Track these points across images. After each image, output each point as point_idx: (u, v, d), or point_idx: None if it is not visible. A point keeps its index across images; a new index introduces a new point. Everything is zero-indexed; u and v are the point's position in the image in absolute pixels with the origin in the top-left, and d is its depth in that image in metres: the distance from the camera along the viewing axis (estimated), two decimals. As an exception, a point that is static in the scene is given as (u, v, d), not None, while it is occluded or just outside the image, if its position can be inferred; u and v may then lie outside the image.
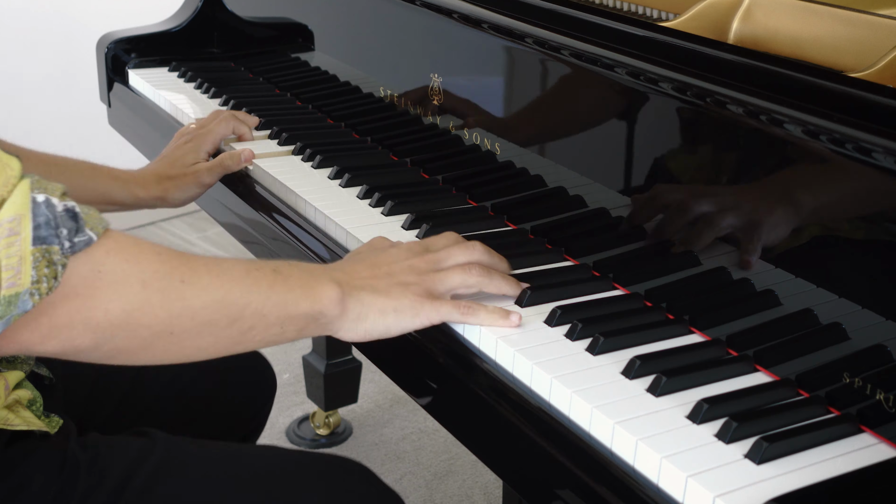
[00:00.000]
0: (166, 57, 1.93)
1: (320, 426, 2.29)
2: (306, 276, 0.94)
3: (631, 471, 0.86)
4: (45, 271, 0.77)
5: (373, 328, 0.97)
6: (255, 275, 0.90)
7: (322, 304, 0.93)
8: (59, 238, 0.78)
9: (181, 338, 0.86)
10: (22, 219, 0.76)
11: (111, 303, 0.81)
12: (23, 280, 0.76)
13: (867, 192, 0.90)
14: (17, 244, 0.76)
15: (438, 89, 1.39)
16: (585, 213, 1.19)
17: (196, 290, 0.85)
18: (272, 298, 0.90)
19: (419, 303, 0.98)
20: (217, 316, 0.87)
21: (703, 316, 1.03)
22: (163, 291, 0.83)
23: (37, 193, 0.78)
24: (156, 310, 0.83)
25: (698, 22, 1.18)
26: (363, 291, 0.97)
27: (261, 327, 0.90)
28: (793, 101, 0.95)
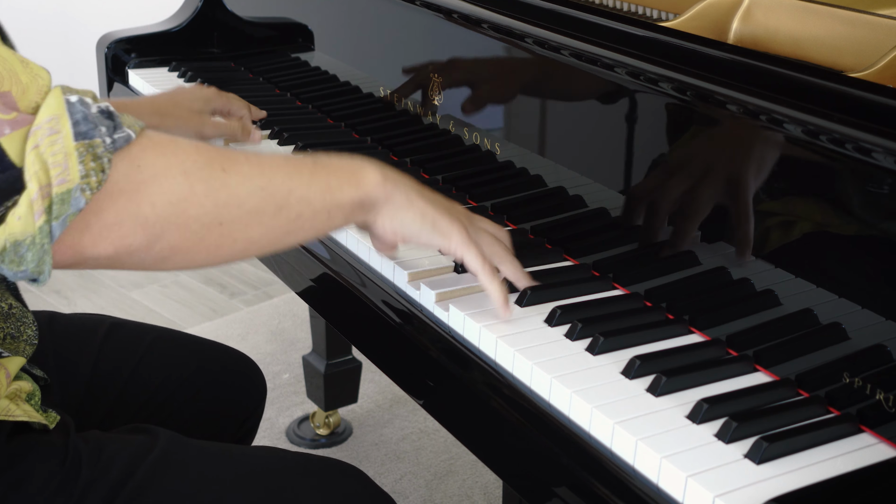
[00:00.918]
0: (166, 57, 1.93)
1: (320, 426, 2.29)
2: (348, 164, 0.94)
3: (631, 471, 0.86)
4: (92, 165, 0.76)
5: (407, 225, 0.97)
6: (296, 163, 0.90)
7: (366, 187, 0.93)
8: (100, 134, 0.77)
9: (231, 228, 0.85)
10: (60, 118, 0.75)
11: (156, 195, 0.80)
12: (72, 175, 0.75)
13: (867, 192, 0.90)
14: (60, 142, 0.75)
15: (438, 89, 1.39)
16: (585, 213, 1.19)
17: (238, 177, 0.84)
18: (316, 184, 0.90)
19: (457, 230, 0.99)
20: (263, 203, 0.86)
21: (703, 316, 1.03)
22: (206, 181, 0.82)
23: (69, 95, 0.77)
24: (201, 199, 0.82)
25: (698, 22, 1.18)
26: (411, 191, 0.97)
27: (308, 214, 0.89)
28: (793, 101, 0.95)
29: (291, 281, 1.38)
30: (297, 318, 2.77)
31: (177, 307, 2.88)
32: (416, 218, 0.98)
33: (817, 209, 0.95)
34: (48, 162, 0.74)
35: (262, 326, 2.74)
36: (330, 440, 2.28)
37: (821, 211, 0.95)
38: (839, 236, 0.93)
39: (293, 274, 1.35)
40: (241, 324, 2.75)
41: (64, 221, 0.76)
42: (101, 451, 1.04)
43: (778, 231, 0.99)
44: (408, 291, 1.13)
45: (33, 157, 0.74)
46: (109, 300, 2.88)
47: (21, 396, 1.05)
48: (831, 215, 0.94)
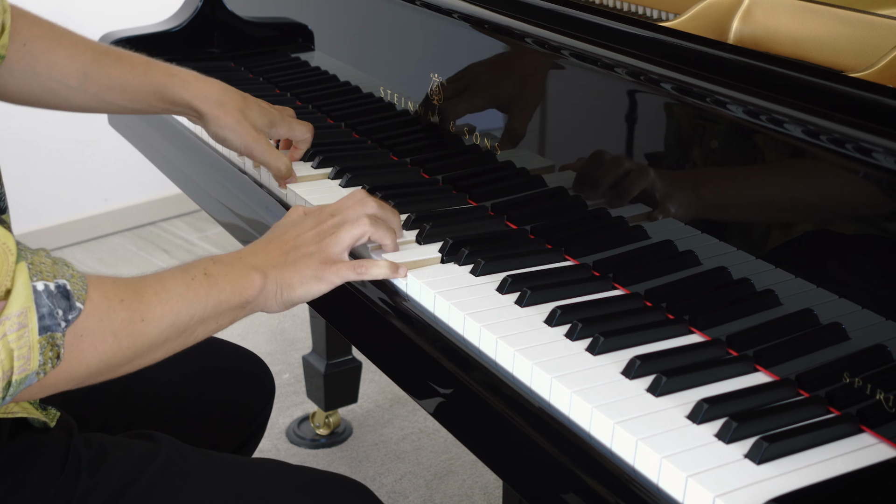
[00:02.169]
0: (166, 57, 1.91)
1: (320, 426, 2.29)
2: (232, 273, 1.05)
3: (631, 471, 0.86)
4: (50, 354, 0.87)
5: (289, 299, 1.09)
6: (193, 286, 1.01)
7: (248, 293, 1.05)
8: (59, 322, 0.88)
9: (141, 360, 0.98)
10: (28, 311, 0.85)
11: (91, 359, 0.92)
12: (32, 365, 0.86)
13: (867, 192, 0.90)
14: (26, 335, 0.85)
15: (438, 89, 1.39)
16: (585, 213, 1.19)
17: (153, 323, 0.97)
18: (209, 303, 1.01)
19: (321, 270, 1.10)
20: (170, 334, 0.99)
21: (703, 316, 1.03)
22: (129, 336, 0.95)
23: (36, 282, 0.87)
24: (125, 351, 0.95)
25: (698, 22, 1.18)
26: (276, 270, 1.08)
27: (201, 329, 1.02)
28: (793, 101, 0.95)
29: (291, 281, 1.38)
30: (297, 318, 2.77)
31: (177, 307, 2.88)
32: (289, 292, 1.09)
33: (817, 209, 0.95)
34: (14, 354, 0.84)
35: (262, 326, 2.74)
36: (330, 440, 2.28)
37: (821, 211, 0.95)
38: (839, 236, 0.93)
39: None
40: (241, 324, 2.76)
41: (14, 394, 0.86)
42: (103, 457, 1.04)
43: (778, 231, 0.99)
44: (408, 291, 1.13)
45: (1, 347, 0.84)
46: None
47: None
48: (831, 215, 0.94)
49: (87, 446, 1.04)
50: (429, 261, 1.17)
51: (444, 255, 1.18)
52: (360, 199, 1.18)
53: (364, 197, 1.18)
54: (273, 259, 1.10)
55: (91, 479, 1.01)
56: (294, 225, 1.15)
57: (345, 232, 1.13)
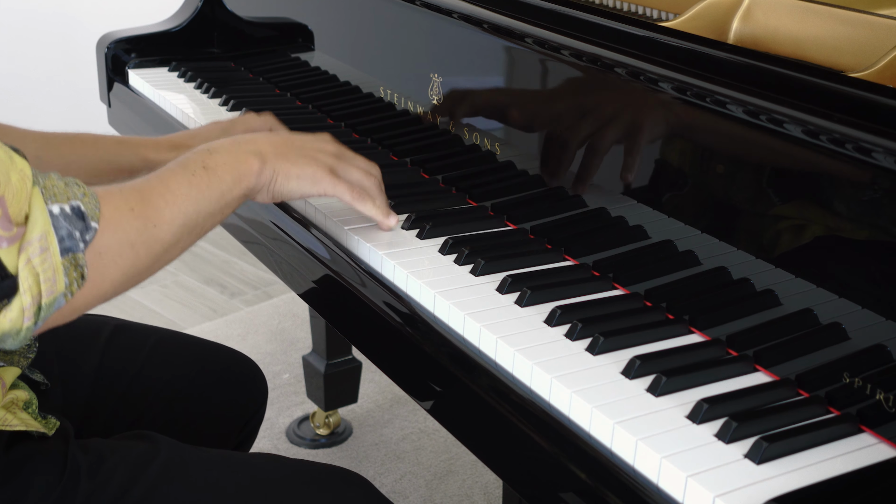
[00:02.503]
0: (166, 57, 1.93)
1: (320, 426, 2.29)
2: (231, 160, 1.07)
3: (631, 471, 0.86)
4: (74, 274, 0.89)
5: (279, 191, 1.11)
6: (195, 182, 1.02)
7: (249, 180, 1.07)
8: (78, 243, 0.89)
9: (159, 264, 1.00)
10: (47, 234, 0.87)
11: (114, 274, 0.94)
12: (58, 287, 0.87)
13: (867, 192, 0.90)
14: (49, 259, 0.86)
15: (438, 89, 1.39)
16: (585, 213, 1.19)
17: (165, 226, 0.98)
18: (213, 196, 1.03)
19: (320, 174, 1.13)
20: (182, 234, 1.01)
21: (703, 316, 1.03)
22: (145, 244, 0.97)
23: (51, 205, 0.88)
24: (143, 259, 0.97)
25: (698, 22, 1.18)
26: (276, 158, 1.10)
27: (209, 222, 1.05)
28: (793, 101, 0.95)
29: (291, 281, 1.38)
30: (297, 318, 2.77)
31: (177, 307, 2.88)
32: (283, 182, 1.11)
33: (817, 209, 0.95)
34: (40, 277, 0.86)
35: (262, 326, 2.74)
36: (330, 440, 2.28)
37: (821, 211, 0.95)
38: (839, 236, 0.93)
39: (293, 274, 1.35)
40: (241, 324, 2.75)
41: (46, 317, 0.88)
42: (102, 461, 1.03)
43: (778, 231, 0.99)
44: (408, 291, 1.13)
45: (27, 272, 0.85)
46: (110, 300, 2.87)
47: (18, 405, 1.04)
48: (831, 215, 0.94)
49: (85, 452, 1.04)
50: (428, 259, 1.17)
51: (443, 254, 1.18)
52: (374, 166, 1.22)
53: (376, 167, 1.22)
54: (276, 149, 1.11)
55: (91, 482, 1.01)
56: (307, 136, 1.18)
57: (357, 168, 1.17)
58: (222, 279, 3.04)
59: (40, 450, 1.02)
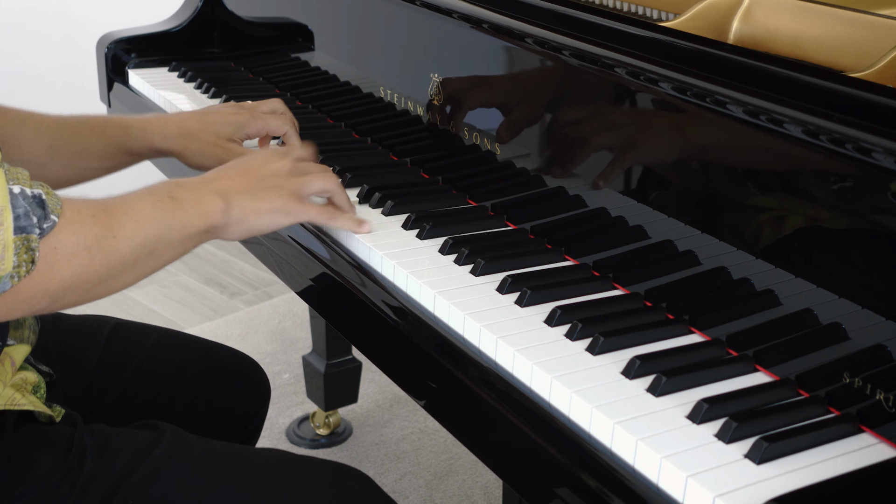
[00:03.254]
0: (166, 57, 1.93)
1: (320, 426, 2.29)
2: (196, 196, 1.07)
3: (631, 471, 0.86)
4: (25, 256, 0.88)
5: (252, 228, 1.11)
6: (160, 206, 1.03)
7: (212, 218, 1.07)
8: (34, 226, 0.89)
9: (113, 281, 0.99)
10: (3, 210, 0.86)
11: (65, 272, 0.93)
12: (6, 265, 0.87)
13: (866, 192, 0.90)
14: (1, 234, 0.86)
15: (438, 89, 1.39)
16: (585, 213, 1.19)
17: (124, 241, 0.98)
18: (175, 225, 1.03)
19: (290, 204, 1.12)
20: (140, 255, 1.00)
21: (703, 316, 1.03)
22: (102, 252, 0.96)
23: (12, 185, 0.88)
24: (97, 267, 0.96)
25: (698, 22, 1.18)
26: (241, 196, 1.09)
27: (169, 252, 1.04)
28: (793, 101, 0.95)
29: (291, 281, 1.38)
30: (297, 318, 2.77)
31: (177, 307, 2.88)
32: (255, 219, 1.10)
33: (817, 209, 0.95)
34: None
35: (262, 326, 2.74)
36: (330, 440, 2.28)
37: (821, 211, 0.95)
38: (839, 236, 0.93)
39: (293, 274, 1.35)
40: (241, 324, 2.75)
41: None
42: (107, 444, 1.05)
43: (778, 231, 0.99)
44: (408, 291, 1.13)
45: None
46: (109, 300, 2.88)
47: (27, 388, 1.05)
48: (831, 215, 0.94)
49: (92, 434, 1.06)
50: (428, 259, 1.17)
51: (443, 254, 1.18)
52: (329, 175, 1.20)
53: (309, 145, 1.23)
54: (238, 186, 1.11)
55: (96, 463, 1.03)
56: (254, 157, 1.17)
57: (316, 179, 1.16)
58: (222, 279, 3.04)
59: (48, 431, 1.04)
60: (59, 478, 1.00)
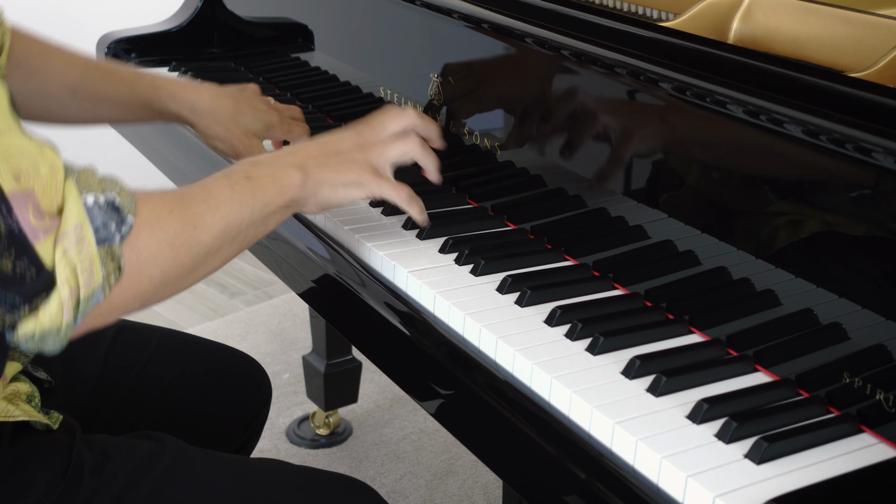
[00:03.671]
0: (166, 57, 1.93)
1: (320, 426, 2.29)
2: (274, 171, 1.05)
3: (631, 470, 0.86)
4: (111, 266, 0.88)
5: (326, 201, 1.09)
6: (238, 189, 1.01)
7: (291, 192, 1.06)
8: (114, 234, 0.88)
9: (201, 269, 0.99)
10: (82, 224, 0.86)
11: (153, 271, 0.92)
12: (96, 279, 0.86)
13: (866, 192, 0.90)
14: (85, 249, 0.85)
15: (438, 89, 1.39)
16: (585, 213, 1.19)
17: (205, 230, 0.97)
18: (256, 205, 1.02)
19: (364, 177, 1.10)
20: (225, 240, 0.99)
21: (703, 316, 1.03)
22: (186, 245, 0.95)
23: (85, 195, 0.87)
24: (184, 261, 0.95)
25: (698, 22, 1.18)
26: (317, 169, 1.08)
27: (252, 233, 1.03)
28: (793, 101, 0.95)
29: (291, 281, 1.38)
30: (297, 318, 2.77)
31: (177, 307, 2.88)
32: (329, 192, 1.09)
33: (817, 209, 0.95)
34: (77, 268, 0.85)
35: (262, 326, 2.74)
36: (330, 440, 2.28)
37: (821, 211, 0.95)
38: (839, 236, 0.93)
39: (293, 274, 1.35)
40: (241, 324, 2.75)
41: (85, 312, 0.87)
42: (107, 459, 1.03)
43: (778, 231, 0.99)
44: (408, 291, 1.13)
45: (63, 264, 0.84)
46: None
47: (20, 398, 1.04)
48: (831, 215, 0.94)
49: (90, 449, 1.04)
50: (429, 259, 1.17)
51: (443, 254, 1.18)
52: (401, 111, 1.18)
53: (403, 110, 1.19)
54: (314, 159, 1.09)
55: (94, 481, 1.01)
56: (334, 133, 1.15)
57: (394, 147, 1.14)
58: (222, 279, 3.04)
59: (45, 443, 1.02)
60: (56, 497, 0.99)
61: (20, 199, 0.82)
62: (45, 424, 1.04)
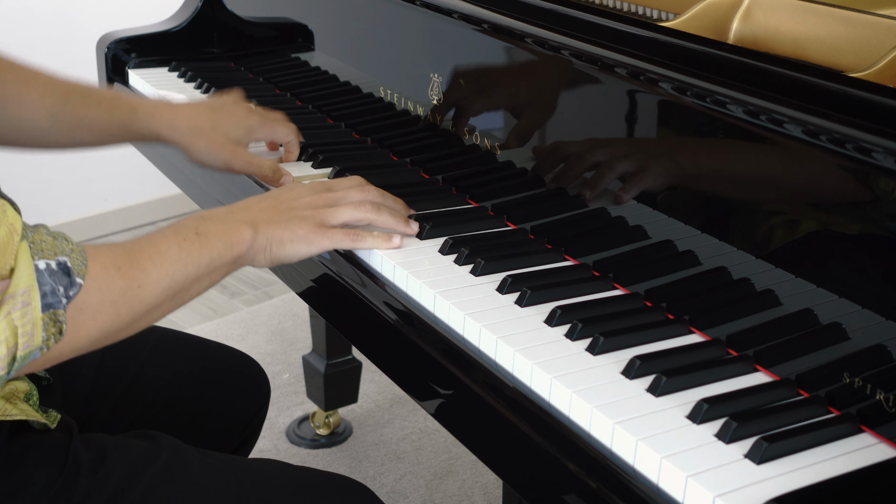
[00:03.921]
0: (166, 57, 1.93)
1: (320, 426, 2.29)
2: (224, 228, 1.07)
3: (631, 471, 0.86)
4: (52, 329, 0.89)
5: (275, 256, 1.11)
6: (185, 246, 1.02)
7: (239, 248, 1.07)
8: (60, 299, 0.89)
9: (139, 324, 1.00)
10: (31, 290, 0.87)
11: (92, 329, 0.94)
12: (35, 341, 0.88)
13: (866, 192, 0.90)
14: (30, 313, 0.87)
15: (438, 89, 1.39)
16: (585, 213, 1.19)
17: (150, 287, 0.98)
18: (202, 262, 1.03)
19: (313, 232, 1.12)
20: (166, 297, 1.00)
21: (703, 316, 1.03)
22: (128, 304, 0.96)
23: (38, 260, 0.88)
24: (123, 318, 0.97)
25: (698, 22, 1.18)
26: (267, 225, 1.10)
27: (196, 287, 1.04)
28: (793, 101, 0.95)
29: (291, 281, 1.38)
30: (297, 318, 2.77)
31: (177, 307, 2.88)
32: (278, 248, 1.11)
33: (817, 209, 0.95)
34: (18, 331, 0.86)
35: (262, 326, 2.74)
36: (330, 440, 2.28)
37: (821, 211, 0.95)
38: (839, 236, 0.93)
39: (293, 274, 1.35)
40: (241, 324, 2.76)
41: (19, 368, 0.88)
42: (104, 458, 1.03)
43: (778, 231, 0.99)
44: (408, 291, 1.13)
45: (5, 324, 0.86)
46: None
47: (18, 396, 1.04)
48: (831, 215, 0.94)
49: (87, 447, 1.04)
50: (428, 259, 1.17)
51: (443, 254, 1.18)
52: (362, 184, 1.20)
53: (365, 183, 1.20)
54: (265, 215, 1.11)
55: (91, 479, 1.01)
56: (290, 190, 1.17)
57: (347, 209, 1.15)
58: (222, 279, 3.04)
59: (43, 442, 1.03)
60: (53, 495, 0.99)
61: None
62: (43, 424, 1.04)
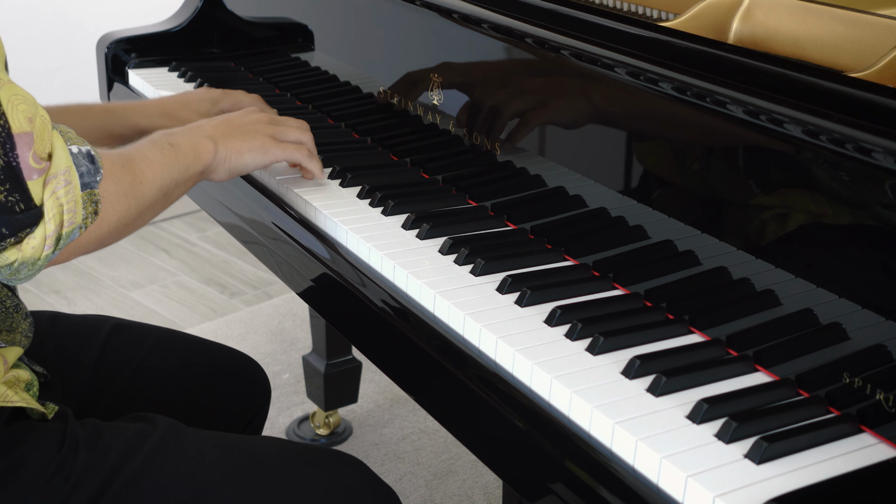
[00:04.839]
0: (166, 57, 1.93)
1: (320, 426, 2.29)
2: (191, 140, 1.18)
3: (631, 470, 0.86)
4: (90, 209, 0.99)
5: (233, 167, 1.23)
6: (166, 152, 1.13)
7: (206, 158, 1.19)
8: (94, 177, 0.99)
9: (139, 221, 1.09)
10: (70, 170, 0.96)
11: (111, 217, 1.03)
12: (77, 219, 0.97)
13: (866, 193, 0.90)
14: (72, 191, 0.96)
15: (438, 89, 1.39)
16: (585, 213, 1.19)
17: (148, 185, 1.09)
18: (181, 168, 1.15)
19: (267, 144, 1.26)
20: (158, 197, 1.11)
21: (703, 316, 1.03)
22: (135, 196, 1.06)
23: (70, 145, 0.98)
24: (132, 211, 1.06)
25: (698, 22, 1.18)
26: (224, 139, 1.22)
27: (176, 192, 1.15)
28: (793, 101, 0.95)
29: (291, 281, 1.38)
30: (297, 318, 2.77)
31: (177, 307, 2.88)
32: (236, 158, 1.23)
33: (817, 209, 0.95)
34: (64, 208, 0.95)
35: (262, 326, 2.74)
36: (330, 440, 2.28)
37: (821, 211, 0.95)
38: (839, 236, 0.93)
39: (293, 274, 1.35)
40: (241, 324, 2.75)
41: (61, 248, 0.97)
42: (100, 436, 1.06)
43: (778, 231, 0.99)
44: (408, 291, 1.13)
45: (52, 202, 0.94)
46: (109, 300, 2.88)
47: (20, 385, 1.06)
48: (831, 215, 0.94)
49: (84, 427, 1.06)
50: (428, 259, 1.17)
51: (443, 254, 1.18)
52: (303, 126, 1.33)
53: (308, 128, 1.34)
54: (221, 131, 1.23)
55: (89, 455, 1.03)
56: (239, 113, 1.30)
57: (292, 129, 1.30)
58: (222, 279, 3.04)
59: (40, 426, 1.05)
60: (52, 472, 1.01)
61: (25, 140, 0.92)
62: (41, 413, 1.05)
